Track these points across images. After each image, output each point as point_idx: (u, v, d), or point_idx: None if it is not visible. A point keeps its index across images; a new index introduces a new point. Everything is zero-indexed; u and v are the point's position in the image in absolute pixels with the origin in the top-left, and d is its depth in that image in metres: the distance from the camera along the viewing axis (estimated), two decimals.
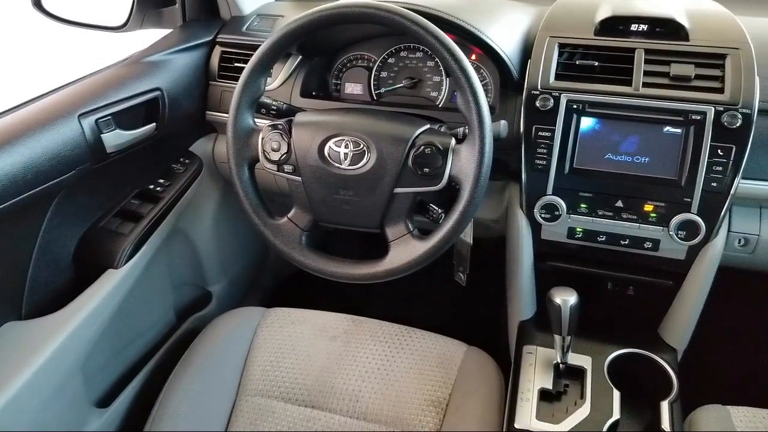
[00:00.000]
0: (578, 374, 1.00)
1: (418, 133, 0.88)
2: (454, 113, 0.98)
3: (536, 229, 1.04)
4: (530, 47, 1.03)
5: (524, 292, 1.12)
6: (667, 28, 1.00)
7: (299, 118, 0.93)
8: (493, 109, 1.07)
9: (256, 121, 0.94)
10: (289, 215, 0.94)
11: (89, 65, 1.13)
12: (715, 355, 1.42)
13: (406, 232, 0.89)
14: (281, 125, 0.91)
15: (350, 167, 0.88)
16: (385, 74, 1.20)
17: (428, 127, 0.90)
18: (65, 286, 1.08)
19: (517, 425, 0.93)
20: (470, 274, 1.19)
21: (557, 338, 0.94)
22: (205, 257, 1.41)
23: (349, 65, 1.23)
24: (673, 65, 0.95)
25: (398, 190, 0.87)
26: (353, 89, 1.22)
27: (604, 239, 1.00)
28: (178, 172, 1.26)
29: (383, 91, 1.21)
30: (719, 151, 0.90)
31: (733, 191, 0.92)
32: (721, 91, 0.91)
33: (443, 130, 0.95)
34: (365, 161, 0.88)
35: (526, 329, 1.12)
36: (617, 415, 0.93)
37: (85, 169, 1.00)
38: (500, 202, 1.14)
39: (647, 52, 0.97)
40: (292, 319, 1.15)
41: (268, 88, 1.11)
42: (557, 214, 0.99)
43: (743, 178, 0.92)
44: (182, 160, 1.29)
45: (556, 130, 0.96)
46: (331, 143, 0.89)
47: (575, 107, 0.95)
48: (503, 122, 0.92)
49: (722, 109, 0.89)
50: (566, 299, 0.90)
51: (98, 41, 1.57)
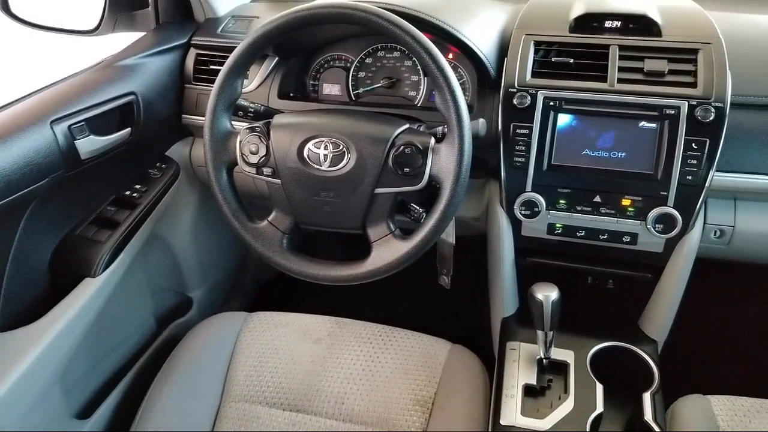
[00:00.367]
0: (561, 369, 1.01)
1: (397, 133, 0.88)
2: (432, 112, 0.98)
3: (516, 226, 1.05)
4: (506, 45, 1.03)
5: (506, 288, 1.13)
6: (640, 24, 1.01)
7: (277, 120, 0.92)
8: (471, 107, 1.07)
9: (233, 123, 0.93)
10: (269, 218, 0.93)
11: (61, 70, 1.11)
12: (694, 345, 1.44)
13: (387, 232, 0.88)
14: (259, 127, 0.90)
15: (330, 168, 0.88)
16: (362, 74, 1.20)
17: (407, 126, 0.90)
18: (41, 296, 1.05)
19: (502, 422, 0.93)
20: (452, 273, 1.20)
21: (540, 334, 0.95)
22: (184, 263, 1.40)
23: (326, 66, 1.22)
24: (646, 61, 0.96)
25: (379, 190, 0.87)
26: (331, 90, 1.22)
27: (583, 234, 1.02)
28: (154, 177, 1.24)
29: (361, 91, 1.20)
30: (693, 144, 0.92)
31: (708, 184, 0.93)
32: (694, 85, 0.93)
33: (422, 129, 0.96)
34: (345, 162, 0.87)
35: (508, 326, 1.12)
36: (600, 408, 0.94)
37: (58, 176, 0.98)
38: (481, 199, 1.15)
39: (621, 48, 0.98)
40: (274, 322, 1.14)
41: (244, 90, 1.10)
42: (537, 210, 1.00)
43: (717, 170, 0.93)
44: (159, 164, 1.27)
45: (533, 127, 0.97)
46: (310, 145, 0.88)
47: (552, 104, 0.96)
48: (481, 120, 0.93)
49: (695, 103, 0.91)
50: (548, 295, 0.91)
51: (70, 46, 1.54)
